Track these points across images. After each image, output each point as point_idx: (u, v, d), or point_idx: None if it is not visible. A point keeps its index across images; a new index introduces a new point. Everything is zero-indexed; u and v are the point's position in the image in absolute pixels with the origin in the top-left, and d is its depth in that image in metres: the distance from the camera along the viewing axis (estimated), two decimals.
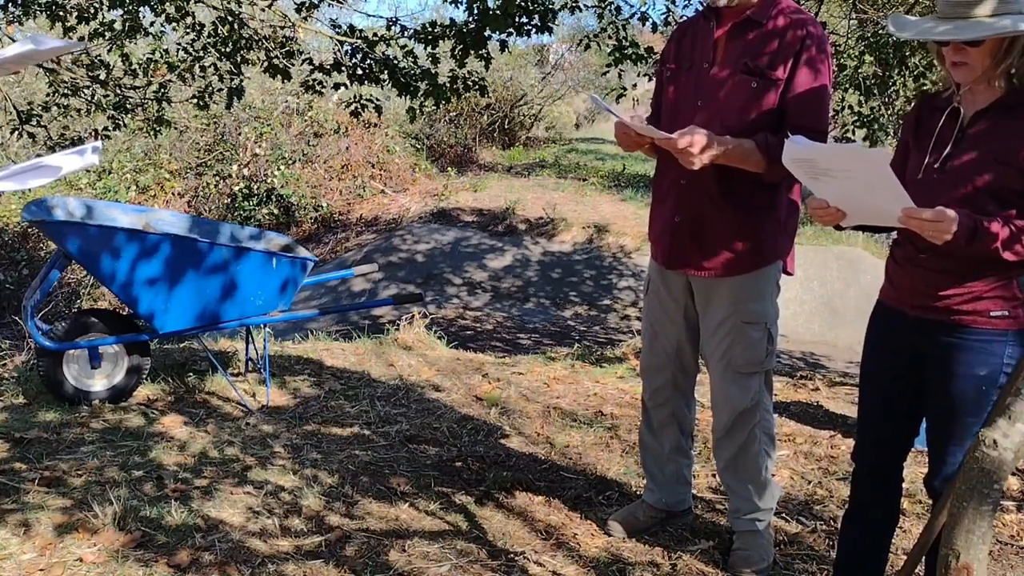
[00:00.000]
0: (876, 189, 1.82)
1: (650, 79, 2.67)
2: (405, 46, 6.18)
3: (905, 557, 2.24)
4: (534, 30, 5.83)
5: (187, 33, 6.52)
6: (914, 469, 3.17)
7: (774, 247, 2.49)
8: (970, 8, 1.86)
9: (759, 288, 2.50)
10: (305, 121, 13.22)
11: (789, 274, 2.59)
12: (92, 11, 6.42)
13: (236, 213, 12.06)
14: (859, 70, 6.37)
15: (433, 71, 6.18)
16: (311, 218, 12.62)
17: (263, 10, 6.62)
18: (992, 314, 1.92)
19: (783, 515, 2.95)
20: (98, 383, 3.68)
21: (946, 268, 1.94)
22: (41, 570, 2.42)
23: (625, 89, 6.45)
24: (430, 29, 6.05)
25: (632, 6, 6.35)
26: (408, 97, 6.21)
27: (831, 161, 1.87)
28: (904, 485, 2.28)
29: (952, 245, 1.81)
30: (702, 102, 2.40)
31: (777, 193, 2.46)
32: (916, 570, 1.95)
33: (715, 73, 2.40)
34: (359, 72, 6.28)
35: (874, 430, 2.19)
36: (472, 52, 5.91)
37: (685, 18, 4.65)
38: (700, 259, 2.47)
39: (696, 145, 2.19)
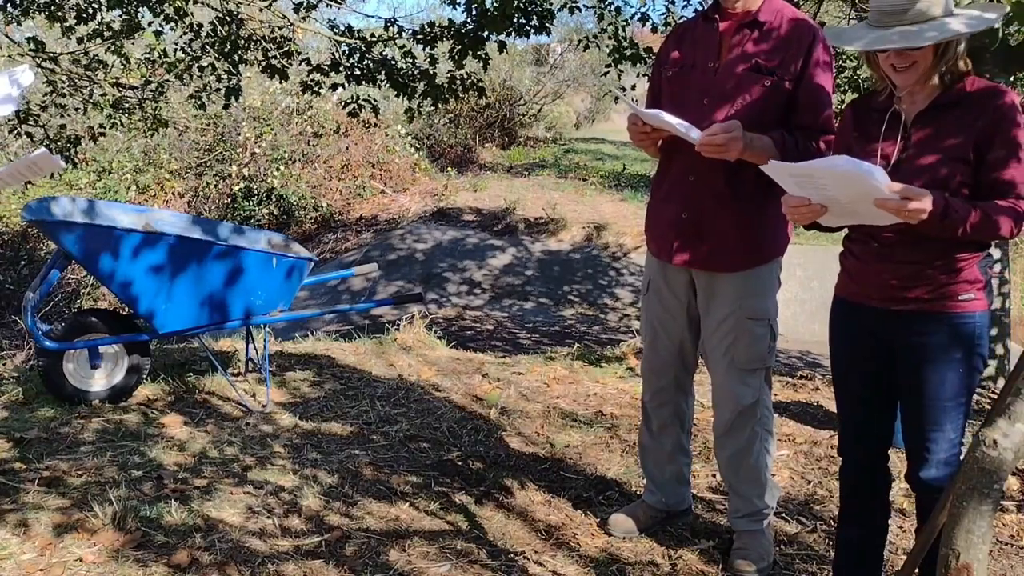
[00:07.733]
0: (862, 194, 1.84)
1: (649, 79, 2.67)
2: (403, 46, 6.18)
3: (905, 557, 2.24)
4: (532, 30, 5.84)
5: (185, 33, 6.51)
6: None
7: (776, 243, 2.51)
8: (904, 14, 1.87)
9: (762, 284, 2.51)
10: (305, 121, 13.21)
11: None
12: (91, 11, 6.41)
13: (236, 213, 12.06)
14: (858, 71, 6.37)
15: (431, 71, 6.18)
16: (311, 218, 12.62)
17: (261, 10, 6.62)
18: (960, 297, 1.98)
19: (783, 515, 2.95)
20: (98, 383, 3.68)
21: (913, 259, 1.98)
22: (41, 570, 2.42)
23: (624, 89, 6.45)
24: (428, 29, 6.06)
25: (632, 6, 6.36)
26: (406, 97, 6.21)
27: (817, 174, 1.90)
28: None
29: (927, 224, 1.84)
30: (709, 101, 2.39)
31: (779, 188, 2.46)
32: (916, 570, 1.96)
33: (723, 72, 2.39)
34: (356, 72, 6.28)
35: (855, 426, 2.23)
36: (470, 53, 5.91)
37: (684, 19, 4.65)
38: (707, 255, 2.47)
39: (733, 141, 2.20)
